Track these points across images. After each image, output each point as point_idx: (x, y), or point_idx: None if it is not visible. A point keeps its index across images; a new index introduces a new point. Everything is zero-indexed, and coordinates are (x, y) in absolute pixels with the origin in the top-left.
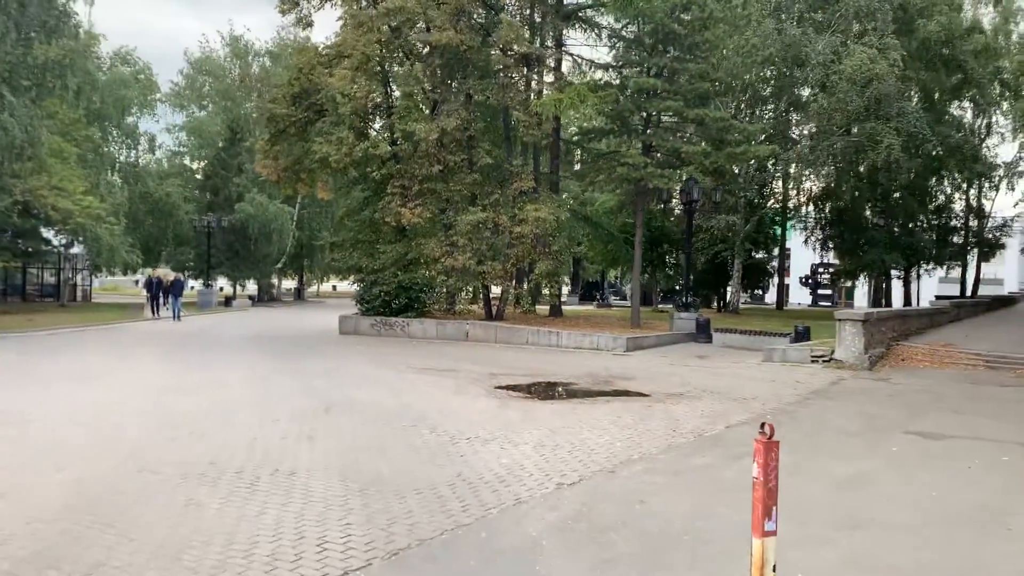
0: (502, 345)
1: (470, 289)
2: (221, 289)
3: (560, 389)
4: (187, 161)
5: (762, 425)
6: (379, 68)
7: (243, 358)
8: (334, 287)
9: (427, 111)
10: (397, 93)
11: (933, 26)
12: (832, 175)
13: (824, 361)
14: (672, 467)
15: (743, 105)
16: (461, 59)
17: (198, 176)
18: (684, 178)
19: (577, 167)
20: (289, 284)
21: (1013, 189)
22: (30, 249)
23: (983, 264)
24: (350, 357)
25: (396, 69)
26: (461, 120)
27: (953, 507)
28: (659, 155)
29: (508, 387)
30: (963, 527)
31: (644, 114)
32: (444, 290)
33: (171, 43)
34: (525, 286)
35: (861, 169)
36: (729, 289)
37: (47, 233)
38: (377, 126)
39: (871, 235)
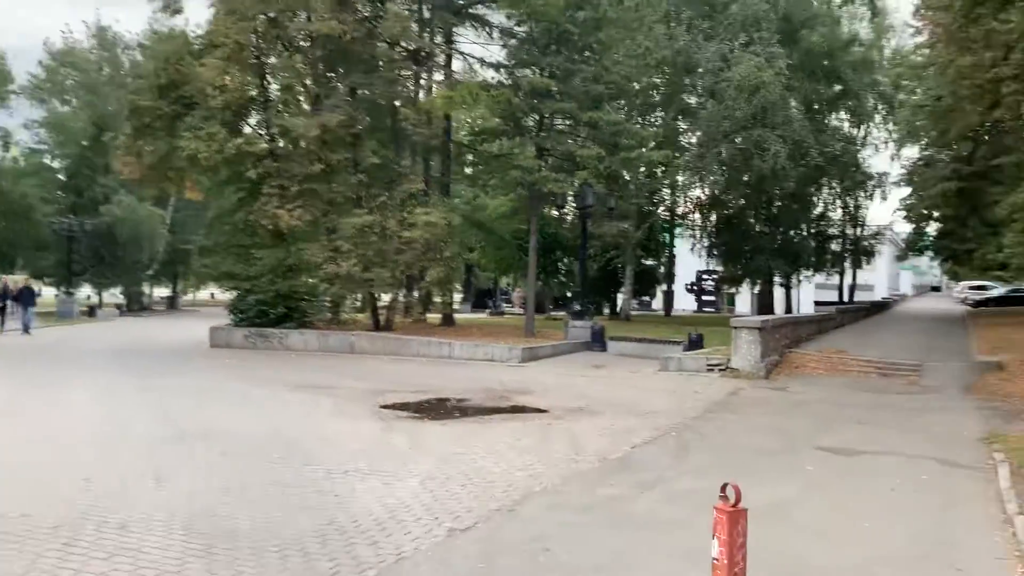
0: (390, 357)
1: (356, 298)
2: (88, 297)
3: (453, 407)
4: (47, 160)
5: (723, 487)
6: (255, 59)
7: (93, 376)
8: (212, 295)
9: (308, 106)
10: (275, 87)
11: (815, 38)
12: (721, 182)
13: (720, 370)
14: (579, 500)
15: (634, 111)
16: (345, 52)
17: (60, 176)
18: (578, 183)
19: (469, 170)
20: (163, 292)
21: (886, 199)
22: None
23: (857, 271)
24: (217, 373)
25: (274, 61)
26: (345, 116)
27: (891, 542)
28: (553, 158)
29: (395, 406)
30: (910, 569)
31: (538, 116)
32: (328, 299)
33: (38, 37)
34: (416, 294)
35: (746, 178)
36: (620, 296)
37: None
38: (253, 122)
39: (757, 242)
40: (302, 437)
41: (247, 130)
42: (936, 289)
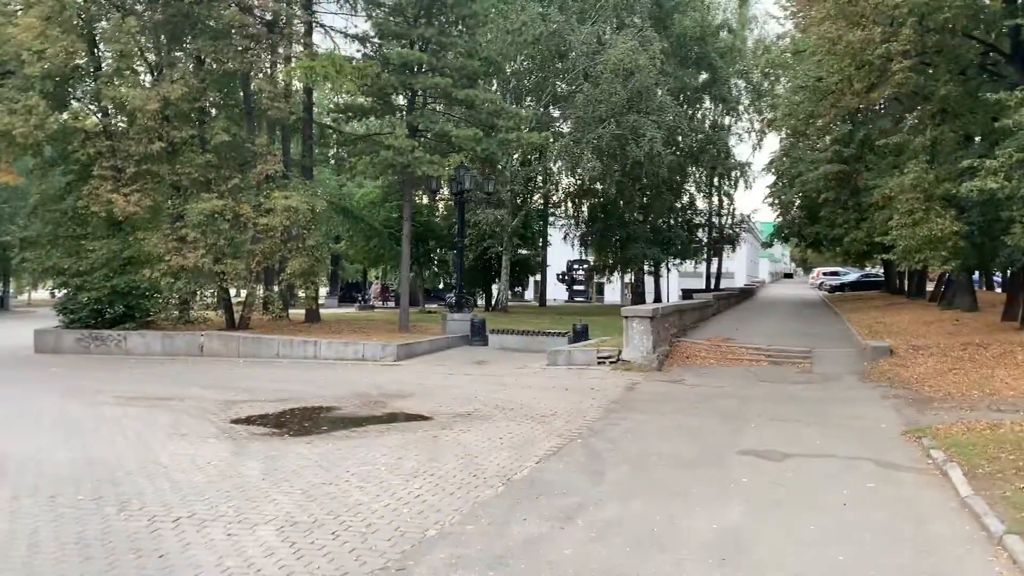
0: (247, 360)
1: (208, 293)
2: None
3: (320, 418)
4: None
5: None
6: (81, 21)
7: None
8: (52, 294)
9: (148, 78)
10: (108, 54)
11: (688, 22)
12: (597, 168)
13: (612, 363)
14: (489, 548)
15: (508, 95)
16: (190, 17)
17: None
18: (454, 166)
19: (335, 151)
20: None
21: (750, 187)
22: None
23: (721, 259)
24: (34, 385)
25: (105, 25)
26: (190, 88)
27: None
28: (427, 138)
29: (250, 420)
30: None
31: (410, 93)
32: (174, 296)
33: None
34: (276, 288)
35: (616, 168)
36: (497, 287)
37: None
38: (81, 94)
39: (633, 230)
40: (126, 468)
41: (75, 104)
42: (789, 276)
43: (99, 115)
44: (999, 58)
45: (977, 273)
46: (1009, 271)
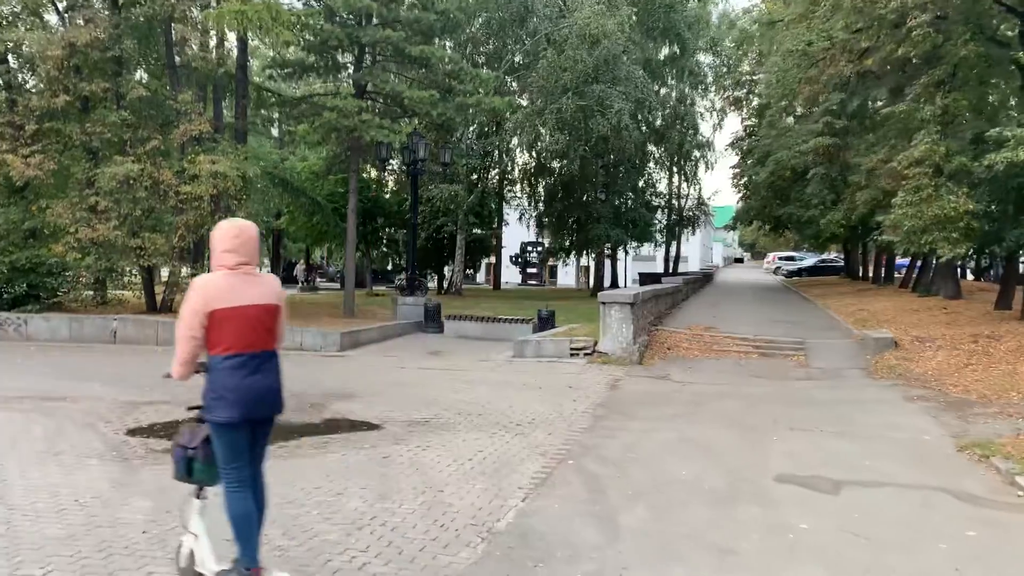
0: (165, 348)
1: (131, 271)
2: None
3: None
4: None
5: None
6: None
7: None
8: None
9: (54, 19)
10: None
11: None
12: (560, 142)
13: (587, 354)
14: None
15: (466, 61)
16: None
17: None
18: (407, 132)
19: (271, 113)
20: None
21: (711, 169)
22: None
23: (679, 242)
24: None
25: None
26: (102, 34)
27: None
28: (377, 102)
29: (151, 430)
30: None
31: (357, 48)
32: (84, 274)
33: None
34: (205, 266)
35: (579, 143)
36: (450, 268)
37: None
38: None
39: (595, 210)
40: None
41: None
42: (739, 260)
43: None
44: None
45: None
46: (1000, 258)
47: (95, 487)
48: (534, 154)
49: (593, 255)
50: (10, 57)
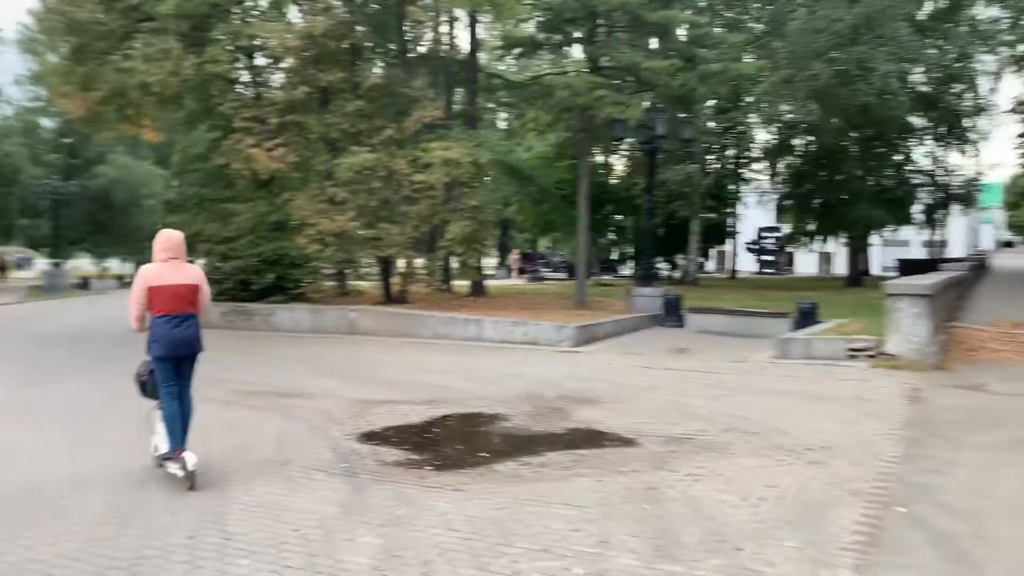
0: (400, 340)
1: (370, 262)
2: (108, 269)
3: (479, 437)
4: (44, 120)
5: None
6: None
7: None
8: (192, 261)
9: (295, 8)
10: None
11: None
12: (815, 113)
13: (870, 356)
14: None
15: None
16: None
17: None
18: (644, 107)
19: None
20: None
21: (986, 140)
22: None
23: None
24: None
25: None
26: (337, 20)
27: None
28: (611, 78)
29: (383, 436)
30: None
31: (590, 20)
32: (325, 265)
33: None
34: (441, 257)
35: (837, 113)
36: (685, 256)
37: None
38: (221, 35)
39: (854, 188)
40: (150, 548)
41: (212, 49)
42: (1009, 245)
43: (247, 56)
44: None
45: None
46: None
47: (319, 512)
48: (776, 129)
49: (845, 240)
50: (256, 54)
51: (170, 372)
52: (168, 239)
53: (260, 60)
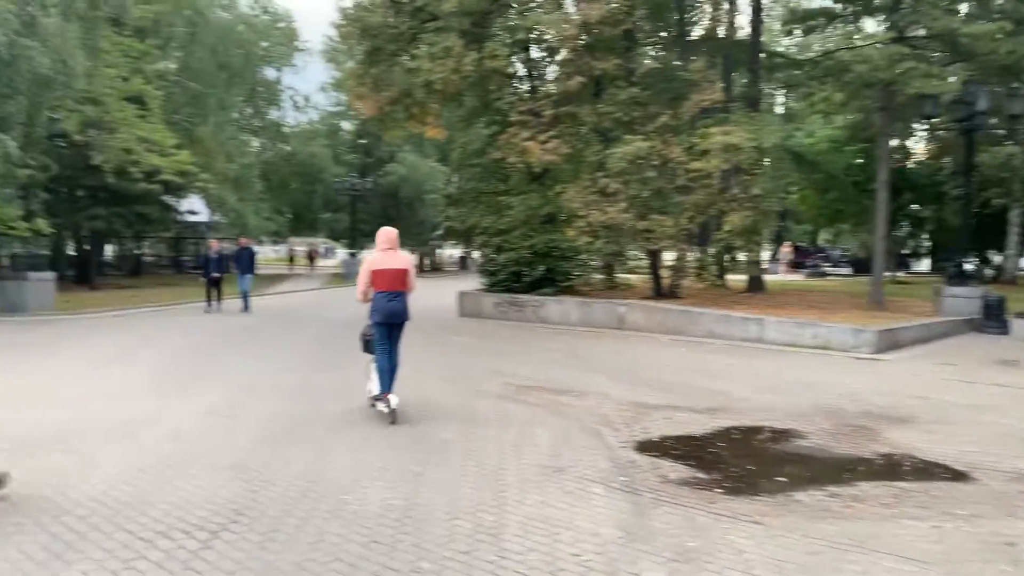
0: (671, 338)
1: (638, 255)
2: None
3: (770, 455)
4: (344, 123)
5: None
6: None
7: (259, 359)
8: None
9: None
10: None
11: None
12: None
13: None
14: None
15: None
16: None
17: (352, 138)
18: (962, 79)
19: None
20: (453, 253)
21: None
22: (149, 215)
23: None
24: (424, 357)
25: None
26: (614, 6)
27: None
28: (917, 47)
29: (662, 447)
30: None
31: None
32: (594, 257)
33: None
34: (712, 250)
35: None
36: (1001, 251)
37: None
38: (499, 30)
39: None
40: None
41: (490, 45)
42: None
43: (523, 49)
44: None
45: None
46: None
47: (599, 533)
48: None
49: None
50: (531, 46)
51: (384, 334)
52: (386, 234)
53: (535, 53)
